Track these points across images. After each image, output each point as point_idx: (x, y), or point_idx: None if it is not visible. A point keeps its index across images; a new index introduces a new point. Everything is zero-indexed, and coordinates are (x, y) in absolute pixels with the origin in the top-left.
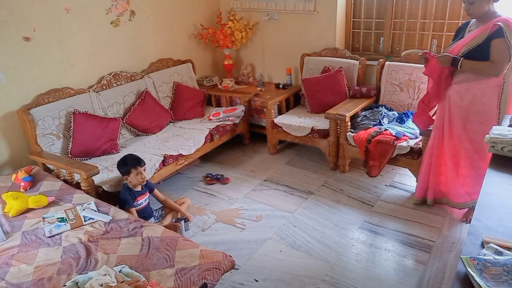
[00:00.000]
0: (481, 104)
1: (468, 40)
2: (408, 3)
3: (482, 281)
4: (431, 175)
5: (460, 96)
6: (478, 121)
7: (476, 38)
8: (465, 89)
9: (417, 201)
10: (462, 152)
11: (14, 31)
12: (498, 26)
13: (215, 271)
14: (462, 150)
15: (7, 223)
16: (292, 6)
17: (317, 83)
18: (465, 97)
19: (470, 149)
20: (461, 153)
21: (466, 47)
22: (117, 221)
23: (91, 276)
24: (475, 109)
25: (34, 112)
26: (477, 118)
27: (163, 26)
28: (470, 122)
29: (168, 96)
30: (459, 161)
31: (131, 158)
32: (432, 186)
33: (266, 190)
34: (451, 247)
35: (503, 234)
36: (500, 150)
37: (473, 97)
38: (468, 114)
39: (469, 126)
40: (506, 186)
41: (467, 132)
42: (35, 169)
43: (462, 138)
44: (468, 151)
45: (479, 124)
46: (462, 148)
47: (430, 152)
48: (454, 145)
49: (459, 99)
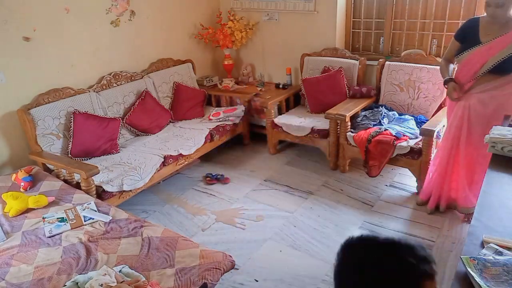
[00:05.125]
0: (505, 111)
1: (496, 50)
2: (408, 3)
3: (482, 281)
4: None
5: (483, 105)
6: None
7: (506, 49)
8: (489, 97)
9: (420, 202)
10: (479, 158)
11: (14, 31)
12: None
13: (215, 271)
14: (479, 157)
15: (7, 223)
16: (292, 6)
17: (317, 83)
18: (490, 105)
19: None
20: (479, 160)
21: (494, 59)
22: (117, 221)
23: (91, 276)
24: (499, 116)
25: (34, 112)
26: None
27: (163, 26)
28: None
29: (168, 96)
30: (475, 168)
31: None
32: (443, 193)
33: (266, 190)
34: (451, 247)
35: (503, 234)
36: (500, 150)
37: (497, 104)
38: (491, 121)
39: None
40: (506, 186)
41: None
42: (35, 169)
43: (481, 145)
44: (486, 157)
45: None
46: (479, 155)
47: (442, 160)
48: (470, 152)
49: (483, 107)
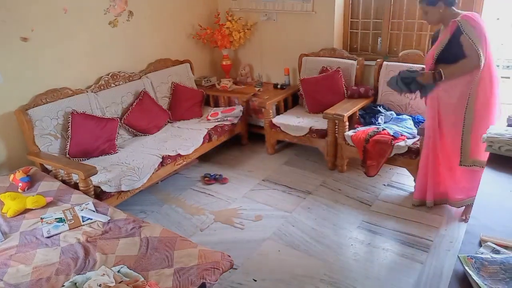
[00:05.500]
0: (470, 99)
1: (436, 45)
2: (406, 3)
3: (479, 279)
4: (429, 176)
5: (448, 94)
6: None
7: (442, 41)
8: (452, 86)
9: (416, 202)
10: (455, 148)
11: (12, 31)
12: (456, 23)
13: (214, 271)
14: (454, 146)
15: (5, 224)
16: (290, 7)
17: (315, 83)
18: (453, 94)
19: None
20: (454, 150)
21: (435, 52)
22: (116, 221)
23: (89, 276)
24: (465, 103)
25: (32, 112)
26: (468, 111)
27: (161, 26)
28: (461, 117)
29: (166, 96)
30: (453, 158)
31: None
32: (431, 187)
33: (265, 190)
34: (449, 246)
35: (500, 233)
36: (498, 150)
37: (460, 92)
38: (459, 109)
39: (460, 122)
40: (504, 185)
41: (457, 128)
42: (33, 169)
43: (453, 134)
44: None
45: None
46: (454, 145)
47: (426, 153)
48: (446, 143)
49: (448, 97)
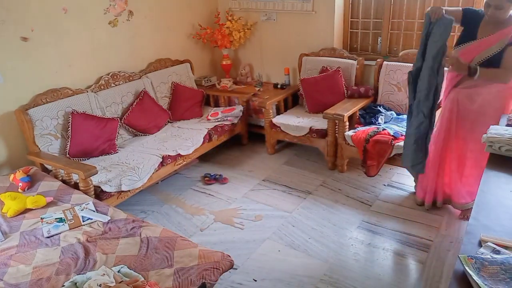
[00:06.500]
0: (491, 108)
1: (485, 47)
2: (406, 3)
3: (479, 279)
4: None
5: (470, 100)
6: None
7: (495, 46)
8: (475, 93)
9: (419, 202)
10: (467, 153)
11: (12, 31)
12: None
13: (214, 271)
14: (468, 151)
15: (5, 224)
16: (290, 6)
17: (315, 83)
18: (476, 101)
19: (475, 149)
20: (467, 154)
21: (482, 55)
22: (116, 221)
23: (89, 276)
24: (485, 111)
25: (32, 112)
26: (486, 120)
27: (161, 26)
28: (478, 125)
29: (166, 96)
30: (465, 161)
31: None
32: (438, 187)
33: (265, 190)
34: (449, 246)
35: (500, 233)
36: (498, 150)
37: (483, 100)
38: (478, 117)
39: (477, 129)
40: (504, 185)
41: (474, 134)
42: (33, 169)
43: (468, 139)
44: (473, 151)
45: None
46: (467, 149)
47: (435, 153)
48: (460, 146)
49: (469, 103)
